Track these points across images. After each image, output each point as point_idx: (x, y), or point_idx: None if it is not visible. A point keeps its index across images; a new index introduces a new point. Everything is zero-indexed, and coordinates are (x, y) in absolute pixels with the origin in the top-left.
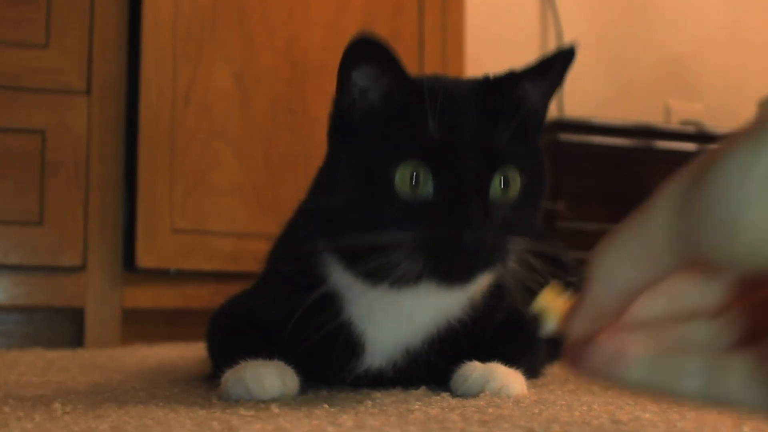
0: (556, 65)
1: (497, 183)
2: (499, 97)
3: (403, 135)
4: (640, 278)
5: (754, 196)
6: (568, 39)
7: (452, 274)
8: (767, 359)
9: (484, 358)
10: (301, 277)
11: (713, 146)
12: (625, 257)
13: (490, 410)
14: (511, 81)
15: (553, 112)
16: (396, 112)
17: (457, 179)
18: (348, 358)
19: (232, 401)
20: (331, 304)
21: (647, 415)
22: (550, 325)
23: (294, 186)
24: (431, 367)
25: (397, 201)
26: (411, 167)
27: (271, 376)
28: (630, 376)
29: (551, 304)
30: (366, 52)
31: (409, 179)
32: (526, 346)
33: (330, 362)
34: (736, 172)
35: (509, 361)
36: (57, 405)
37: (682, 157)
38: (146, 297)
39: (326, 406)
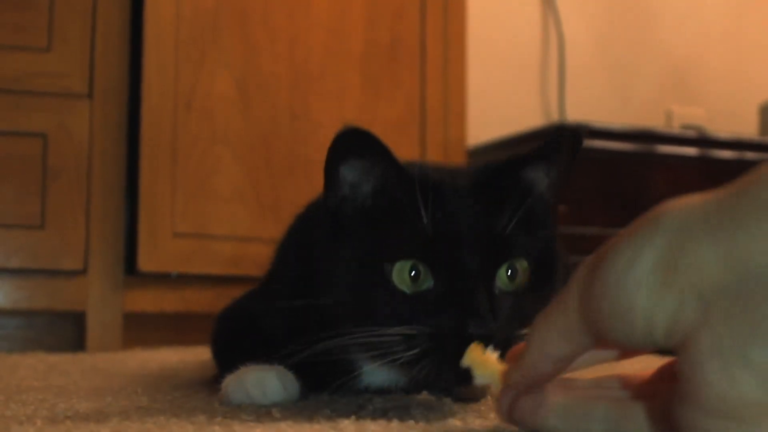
0: (562, 149)
1: (503, 272)
2: (501, 185)
3: (397, 233)
4: (567, 349)
5: (640, 286)
6: (569, 44)
7: (439, 380)
8: (659, 411)
9: None
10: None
11: (610, 241)
12: (553, 331)
13: (492, 415)
14: (513, 167)
15: (554, 116)
16: (389, 206)
17: (458, 271)
18: (347, 376)
19: (233, 406)
20: None
21: None
22: (491, 383)
23: (295, 190)
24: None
25: (396, 294)
26: (407, 265)
27: (272, 381)
28: (547, 423)
29: (479, 360)
30: (355, 145)
31: (408, 275)
32: None
33: (330, 376)
34: (624, 265)
35: None
36: (58, 409)
37: (684, 162)
38: (147, 301)
39: (327, 411)
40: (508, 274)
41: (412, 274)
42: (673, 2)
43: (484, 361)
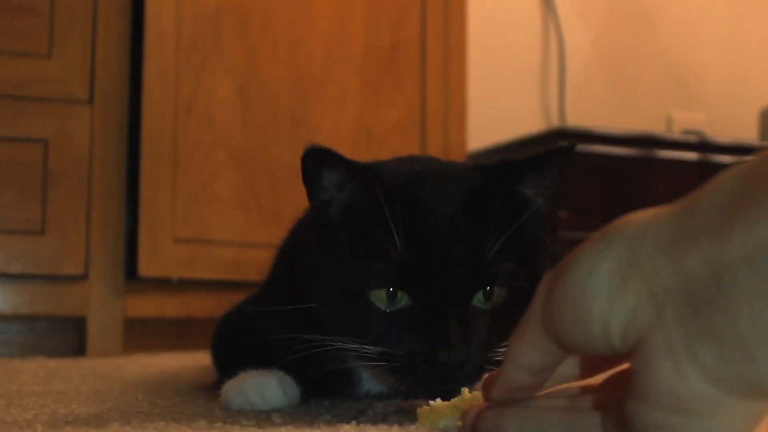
0: (554, 162)
1: (480, 295)
2: (492, 197)
3: (372, 256)
4: (539, 358)
5: (598, 292)
6: (570, 50)
7: (424, 390)
8: (614, 420)
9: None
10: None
11: (570, 253)
12: (524, 341)
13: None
14: (507, 179)
15: (554, 121)
16: (364, 225)
17: (433, 296)
18: (346, 383)
19: (233, 411)
20: None
21: None
22: (450, 422)
23: (296, 195)
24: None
25: (373, 312)
26: (384, 290)
27: (272, 386)
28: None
29: (437, 408)
30: (323, 159)
31: (385, 297)
32: None
33: (330, 381)
34: (583, 273)
35: None
36: (59, 414)
37: (684, 167)
38: (148, 306)
39: (328, 416)
40: (485, 296)
41: (389, 296)
42: (673, 8)
43: (437, 411)
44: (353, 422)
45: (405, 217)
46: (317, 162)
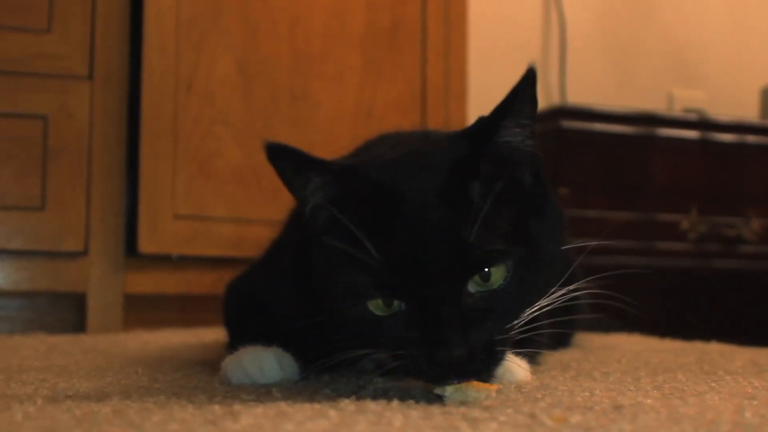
0: (522, 96)
1: (477, 279)
2: (470, 163)
3: (356, 267)
4: None
5: None
6: (571, 26)
7: (431, 380)
8: None
9: None
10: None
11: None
12: None
13: (494, 395)
14: (485, 135)
15: (555, 99)
16: (344, 235)
17: (422, 297)
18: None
19: (233, 386)
20: None
21: (649, 401)
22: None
23: None
24: None
25: (374, 320)
26: (376, 300)
27: (269, 361)
28: None
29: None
30: (296, 165)
31: (382, 305)
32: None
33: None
34: None
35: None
36: (59, 388)
37: (684, 145)
38: (148, 282)
39: (328, 390)
40: (482, 277)
41: (385, 303)
42: None
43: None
44: (353, 396)
45: (380, 221)
46: (284, 166)
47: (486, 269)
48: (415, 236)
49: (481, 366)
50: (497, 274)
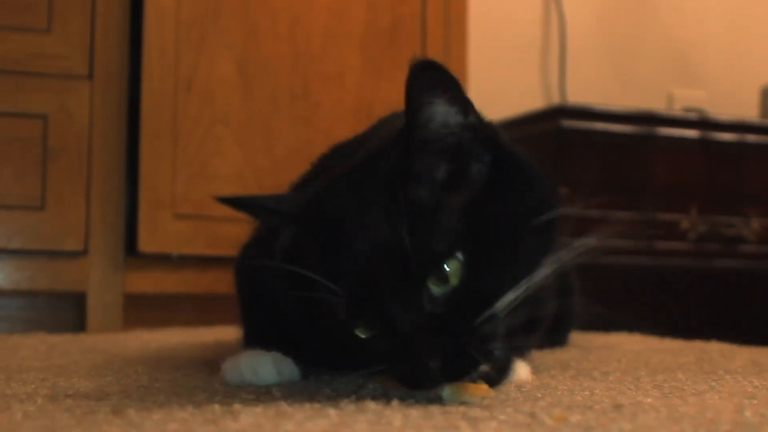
0: (416, 81)
1: (434, 283)
2: (405, 158)
3: (322, 299)
4: None
5: None
6: (571, 25)
7: (419, 389)
8: None
9: None
10: None
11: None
12: None
13: (493, 394)
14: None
15: (555, 98)
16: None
17: (383, 319)
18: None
19: (233, 386)
20: None
21: (649, 400)
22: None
23: (295, 171)
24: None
25: (359, 340)
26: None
27: (266, 365)
28: None
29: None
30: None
31: (363, 329)
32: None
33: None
34: None
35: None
36: (59, 388)
37: (685, 144)
38: (148, 282)
39: (328, 390)
40: (439, 280)
41: (364, 327)
42: None
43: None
44: (353, 396)
45: (334, 253)
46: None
47: (435, 272)
48: (364, 260)
49: (464, 367)
50: (452, 272)
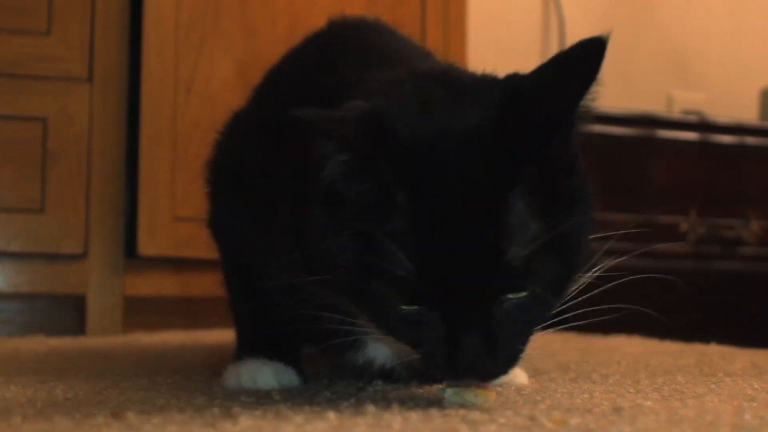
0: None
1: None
2: (515, 148)
3: (381, 270)
4: None
5: None
6: (570, 27)
7: (446, 377)
8: None
9: None
10: None
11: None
12: None
13: (492, 400)
14: (540, 134)
15: None
16: (369, 223)
17: (452, 308)
18: (348, 348)
19: (232, 389)
20: None
21: (648, 403)
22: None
23: None
24: None
25: (391, 308)
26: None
27: (265, 375)
28: None
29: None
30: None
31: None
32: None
33: (332, 346)
34: None
35: None
36: (58, 391)
37: (684, 147)
38: (148, 285)
39: (327, 393)
40: (516, 292)
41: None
42: None
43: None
44: (352, 399)
45: (414, 212)
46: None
47: (518, 290)
48: (454, 244)
49: (493, 374)
50: (531, 291)
